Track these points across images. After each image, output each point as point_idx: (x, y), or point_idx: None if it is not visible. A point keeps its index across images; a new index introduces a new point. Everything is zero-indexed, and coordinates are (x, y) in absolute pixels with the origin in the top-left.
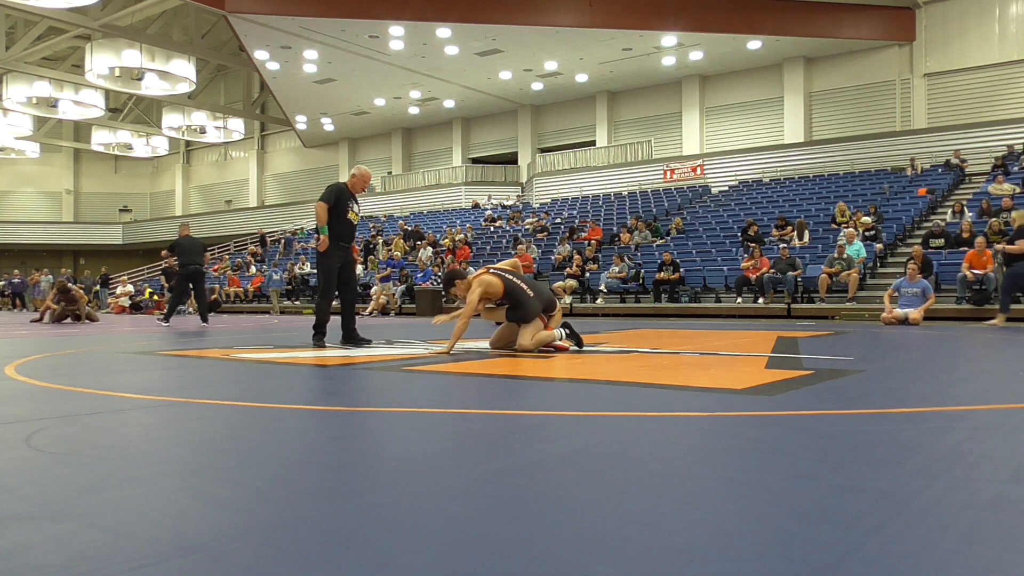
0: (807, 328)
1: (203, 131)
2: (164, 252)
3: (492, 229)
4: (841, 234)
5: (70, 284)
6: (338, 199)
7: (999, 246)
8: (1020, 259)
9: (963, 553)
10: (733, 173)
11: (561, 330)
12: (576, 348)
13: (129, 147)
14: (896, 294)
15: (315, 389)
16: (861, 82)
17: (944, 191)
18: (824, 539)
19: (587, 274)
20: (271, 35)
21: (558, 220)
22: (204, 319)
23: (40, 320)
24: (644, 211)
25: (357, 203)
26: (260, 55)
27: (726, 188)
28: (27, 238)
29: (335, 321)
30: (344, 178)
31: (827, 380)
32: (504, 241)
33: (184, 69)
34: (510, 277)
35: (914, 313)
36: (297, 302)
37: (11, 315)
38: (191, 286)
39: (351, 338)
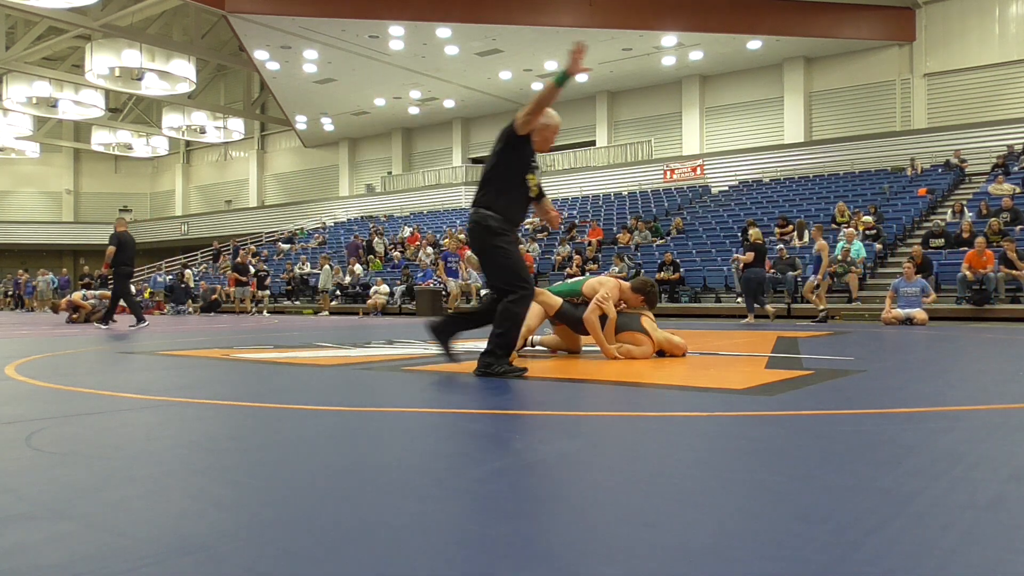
0: (807, 328)
1: (203, 131)
2: (111, 250)
3: None
4: (841, 234)
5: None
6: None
7: (736, 256)
8: (752, 267)
9: (963, 553)
10: (733, 173)
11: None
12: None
13: (129, 147)
14: (896, 295)
15: (315, 389)
16: (861, 82)
17: (944, 191)
18: (824, 539)
19: (587, 274)
20: (271, 35)
21: None
22: (107, 322)
23: (86, 321)
24: (644, 211)
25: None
26: (260, 55)
27: (726, 188)
28: (27, 238)
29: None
30: (344, 178)
31: (827, 380)
32: None
33: (184, 69)
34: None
35: (919, 314)
36: (297, 302)
37: (16, 315)
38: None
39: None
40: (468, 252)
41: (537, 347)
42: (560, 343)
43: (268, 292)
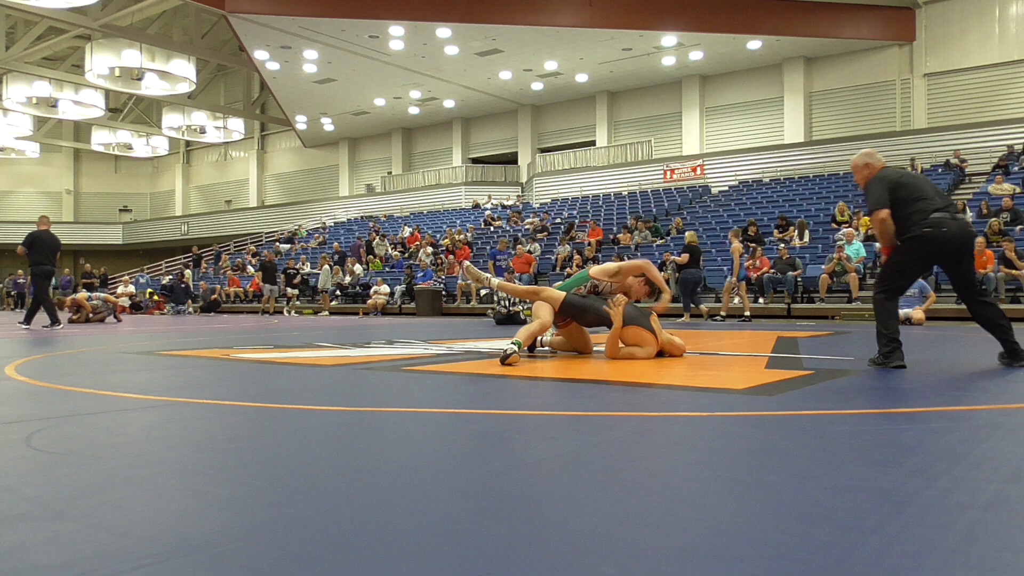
0: (807, 328)
1: (203, 131)
2: (20, 249)
3: (492, 229)
4: (839, 234)
5: (75, 294)
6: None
7: (671, 256)
8: (687, 267)
9: (963, 553)
10: (733, 173)
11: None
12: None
13: (129, 147)
14: None
15: (315, 389)
16: (861, 82)
17: (944, 191)
18: (824, 539)
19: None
20: (271, 35)
21: (558, 220)
22: (28, 322)
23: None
24: (644, 211)
25: None
26: (260, 55)
27: (726, 188)
28: None
29: None
30: (344, 178)
31: (827, 380)
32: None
33: (184, 69)
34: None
35: (916, 313)
36: (297, 302)
37: (16, 315)
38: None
39: (1016, 353)
40: (467, 262)
41: (544, 348)
42: (566, 344)
43: (297, 292)
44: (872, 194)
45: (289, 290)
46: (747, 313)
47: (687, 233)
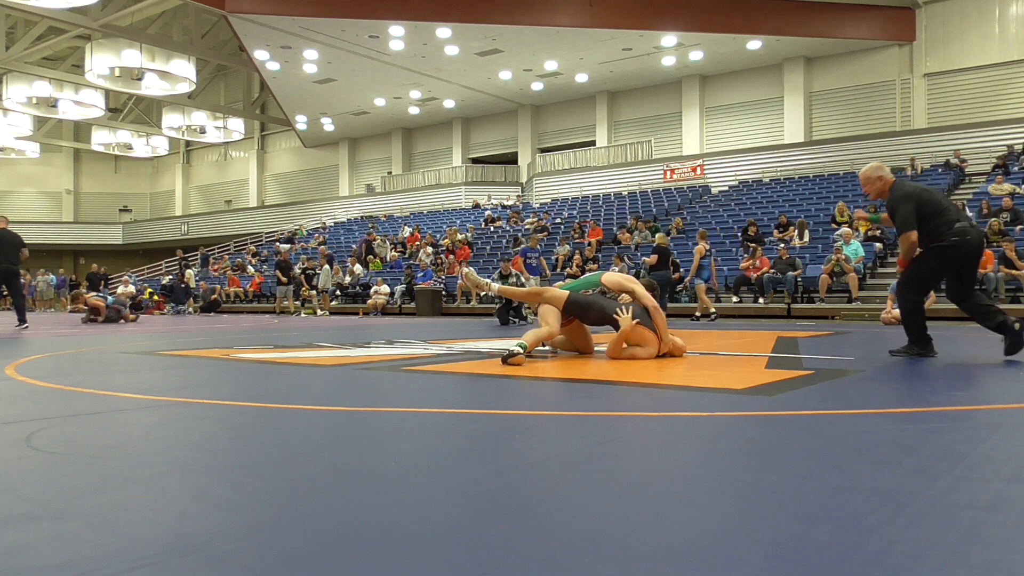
0: (807, 328)
1: (203, 131)
2: None
3: (492, 229)
4: (837, 233)
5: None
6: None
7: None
8: (657, 269)
9: (963, 553)
10: (733, 173)
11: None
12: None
13: (129, 147)
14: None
15: (315, 389)
16: (861, 82)
17: (944, 191)
18: (824, 539)
19: (587, 274)
20: (271, 35)
21: (558, 220)
22: (22, 321)
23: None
24: (644, 211)
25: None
26: (260, 55)
27: (726, 188)
28: (27, 238)
29: None
30: (344, 178)
31: (827, 380)
32: (504, 241)
33: (184, 69)
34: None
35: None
36: (297, 302)
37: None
38: (4, 286)
39: (1005, 326)
40: (466, 268)
41: (545, 347)
42: (567, 343)
43: (315, 292)
44: (901, 214)
45: (310, 291)
46: (712, 312)
47: (657, 235)
